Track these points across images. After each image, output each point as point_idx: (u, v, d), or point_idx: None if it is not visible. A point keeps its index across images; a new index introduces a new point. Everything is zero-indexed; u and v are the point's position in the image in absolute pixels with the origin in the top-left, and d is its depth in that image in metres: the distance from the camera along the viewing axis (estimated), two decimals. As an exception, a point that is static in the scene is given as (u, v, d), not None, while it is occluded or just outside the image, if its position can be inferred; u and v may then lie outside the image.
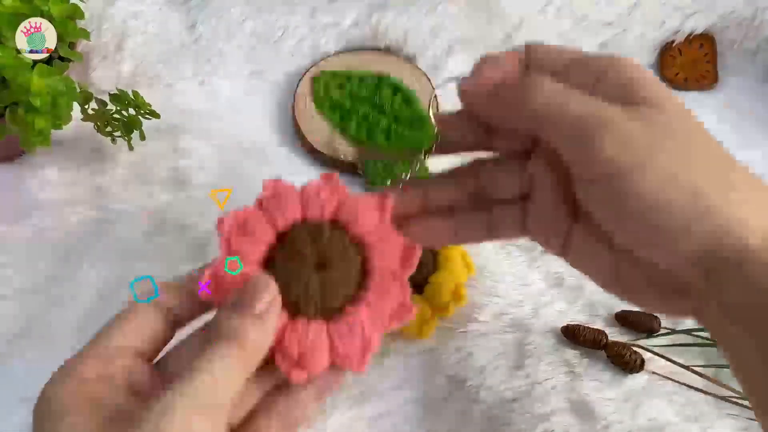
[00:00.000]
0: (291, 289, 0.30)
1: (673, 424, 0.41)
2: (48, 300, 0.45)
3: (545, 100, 0.28)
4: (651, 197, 0.26)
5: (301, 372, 0.29)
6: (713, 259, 0.26)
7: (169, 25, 0.57)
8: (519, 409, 0.41)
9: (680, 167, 0.26)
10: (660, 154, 0.26)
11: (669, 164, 0.26)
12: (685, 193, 0.26)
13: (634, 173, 0.26)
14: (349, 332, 0.30)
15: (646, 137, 0.27)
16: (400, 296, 0.31)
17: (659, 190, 0.26)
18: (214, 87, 0.58)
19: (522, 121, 0.29)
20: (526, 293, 0.47)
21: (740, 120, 0.60)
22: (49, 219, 0.48)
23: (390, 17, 0.58)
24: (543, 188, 0.31)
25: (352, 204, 0.32)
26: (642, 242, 0.28)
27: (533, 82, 0.29)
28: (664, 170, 0.26)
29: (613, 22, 0.61)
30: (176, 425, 0.25)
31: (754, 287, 0.26)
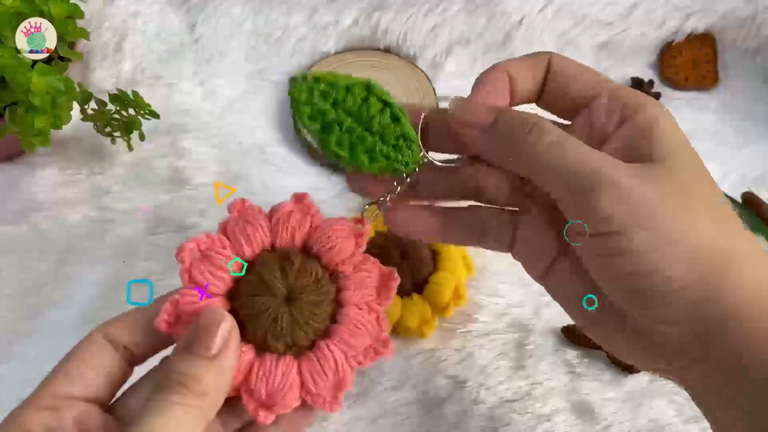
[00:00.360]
0: (258, 323, 0.28)
1: (674, 425, 0.41)
2: (48, 300, 0.45)
3: (545, 151, 0.27)
4: (646, 259, 0.25)
5: (269, 413, 0.27)
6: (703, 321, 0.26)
7: (168, 25, 0.57)
8: (519, 410, 0.41)
9: (681, 229, 0.26)
10: (661, 215, 0.25)
11: (669, 227, 0.25)
12: (682, 259, 0.25)
13: (630, 233, 0.25)
14: (321, 369, 0.28)
15: (648, 196, 0.26)
16: (376, 330, 0.29)
17: (656, 254, 0.25)
18: (213, 87, 0.58)
19: (517, 166, 0.28)
20: (527, 293, 0.47)
21: (740, 120, 0.60)
22: (49, 219, 0.48)
23: (390, 17, 0.58)
24: (534, 212, 0.31)
25: (326, 229, 0.30)
26: (629, 301, 0.27)
27: (536, 128, 0.27)
28: (663, 233, 0.25)
29: (613, 22, 0.61)
30: None
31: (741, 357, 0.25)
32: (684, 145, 0.28)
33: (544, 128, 0.27)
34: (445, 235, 0.32)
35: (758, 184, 0.55)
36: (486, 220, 0.32)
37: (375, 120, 0.30)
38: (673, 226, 0.25)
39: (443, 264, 0.44)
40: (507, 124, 0.28)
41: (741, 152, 0.57)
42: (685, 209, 0.26)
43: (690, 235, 0.26)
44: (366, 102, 0.30)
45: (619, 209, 0.25)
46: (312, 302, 0.29)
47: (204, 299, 0.28)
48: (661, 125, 0.28)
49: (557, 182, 0.27)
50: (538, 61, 0.31)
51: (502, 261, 0.48)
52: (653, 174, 0.26)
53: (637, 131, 0.28)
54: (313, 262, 0.29)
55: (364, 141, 0.30)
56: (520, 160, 0.28)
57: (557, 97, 0.30)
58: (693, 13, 0.61)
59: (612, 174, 0.26)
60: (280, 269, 0.29)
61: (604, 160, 0.26)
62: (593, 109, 0.29)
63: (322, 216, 0.31)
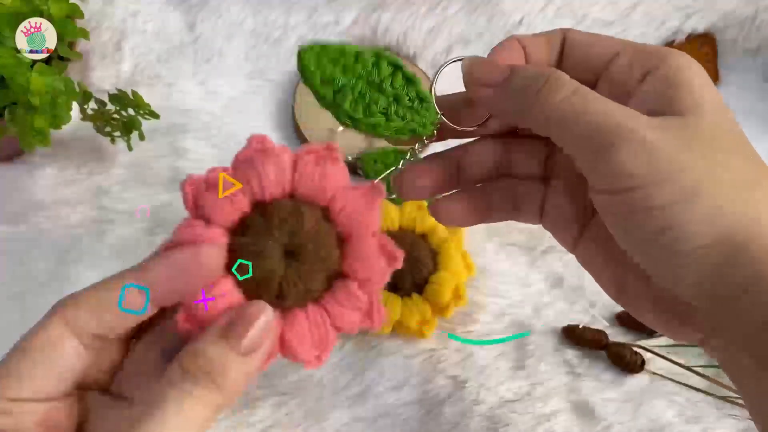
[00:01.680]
0: (254, 269, 0.25)
1: (674, 425, 0.41)
2: (48, 300, 0.44)
3: (561, 104, 0.26)
4: (667, 216, 0.24)
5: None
6: (725, 286, 0.24)
7: (168, 25, 0.57)
8: (520, 410, 0.41)
9: (704, 185, 0.24)
10: (684, 169, 0.24)
11: (692, 181, 0.24)
12: (704, 216, 0.24)
13: (651, 188, 0.24)
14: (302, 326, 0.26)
15: (670, 150, 0.24)
16: (366, 305, 0.27)
17: (676, 209, 0.24)
18: (213, 86, 0.58)
19: (532, 122, 0.27)
20: (527, 294, 0.47)
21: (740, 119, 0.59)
22: (48, 219, 0.48)
23: (390, 17, 0.58)
24: (560, 178, 0.30)
25: (344, 196, 0.27)
26: (651, 261, 0.26)
27: (551, 79, 0.26)
28: (685, 188, 0.24)
29: (613, 22, 0.61)
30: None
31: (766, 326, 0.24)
32: (713, 98, 0.26)
33: (561, 80, 0.26)
34: (485, 217, 0.32)
35: (758, 184, 0.55)
36: (518, 192, 0.32)
37: (387, 83, 0.29)
38: (696, 181, 0.24)
39: (443, 264, 0.44)
40: (521, 78, 0.27)
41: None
42: (711, 164, 0.24)
43: (714, 191, 0.24)
44: (377, 66, 0.29)
45: (639, 164, 0.24)
46: (312, 265, 0.26)
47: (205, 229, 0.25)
48: (687, 76, 0.26)
49: (575, 138, 0.26)
50: (553, 35, 0.30)
51: (503, 261, 0.48)
52: (677, 126, 0.25)
53: (661, 83, 0.26)
54: (328, 227, 0.27)
55: (378, 102, 0.29)
56: (535, 116, 0.26)
57: (578, 66, 0.29)
58: (693, 13, 0.61)
59: (632, 127, 0.24)
60: (290, 223, 0.26)
61: (625, 114, 0.25)
62: (614, 67, 0.28)
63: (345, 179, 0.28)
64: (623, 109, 0.25)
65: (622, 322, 0.45)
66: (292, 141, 0.55)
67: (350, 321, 0.27)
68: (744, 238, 0.24)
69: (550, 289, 0.47)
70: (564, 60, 0.30)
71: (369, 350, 0.43)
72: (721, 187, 0.24)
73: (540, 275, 0.48)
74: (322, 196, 0.27)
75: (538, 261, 0.48)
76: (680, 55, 0.27)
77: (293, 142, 0.55)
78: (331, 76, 0.28)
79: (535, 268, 0.48)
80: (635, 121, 0.25)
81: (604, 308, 0.46)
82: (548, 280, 0.48)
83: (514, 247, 0.49)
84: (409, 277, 0.44)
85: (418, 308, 0.43)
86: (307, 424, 0.40)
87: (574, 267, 0.48)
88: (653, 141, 0.24)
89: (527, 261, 0.48)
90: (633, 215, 0.25)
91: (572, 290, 0.47)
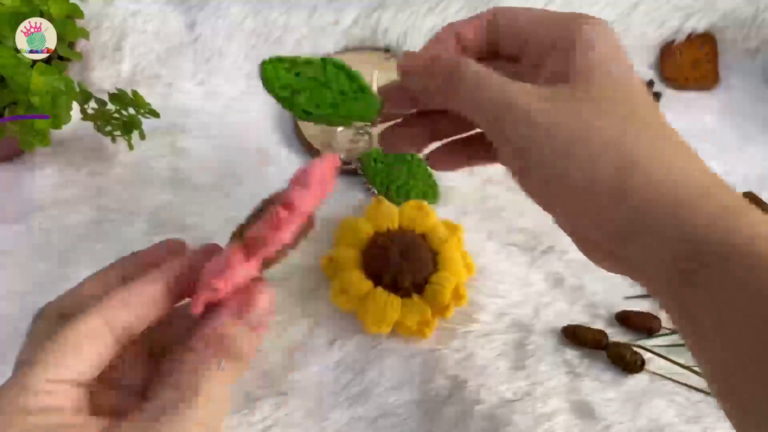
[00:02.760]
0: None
1: (674, 425, 0.41)
2: (46, 300, 0.44)
3: (465, 91, 0.30)
4: (548, 173, 0.28)
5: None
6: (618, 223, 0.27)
7: (168, 25, 0.57)
8: (520, 410, 0.41)
9: (583, 137, 0.28)
10: (564, 129, 0.28)
11: (572, 136, 0.28)
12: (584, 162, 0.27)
13: (535, 149, 0.28)
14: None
15: (552, 115, 0.28)
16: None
17: (559, 162, 0.28)
18: (213, 86, 0.58)
19: (449, 105, 0.32)
20: (527, 293, 0.47)
21: (741, 120, 0.60)
22: (49, 219, 0.48)
23: (390, 17, 0.58)
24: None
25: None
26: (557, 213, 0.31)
27: (459, 69, 0.31)
28: (565, 143, 0.28)
29: (613, 22, 0.61)
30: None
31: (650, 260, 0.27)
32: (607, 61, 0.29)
33: (465, 70, 0.31)
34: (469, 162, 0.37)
35: (759, 184, 0.55)
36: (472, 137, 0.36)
37: (333, 81, 0.35)
38: (576, 135, 0.28)
39: (443, 264, 0.44)
40: (437, 68, 0.32)
41: (741, 152, 0.57)
42: (592, 119, 0.28)
43: (592, 139, 0.28)
44: (324, 69, 0.35)
45: (523, 131, 0.28)
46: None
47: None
48: (582, 44, 0.30)
49: (478, 117, 0.30)
50: (483, 16, 0.34)
51: (503, 261, 0.48)
52: (563, 94, 0.29)
53: (563, 51, 0.30)
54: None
55: (326, 98, 0.35)
56: (447, 101, 0.32)
57: (507, 41, 0.34)
58: (693, 13, 0.61)
59: (517, 101, 0.29)
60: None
61: (515, 90, 0.29)
62: (533, 37, 0.32)
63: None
64: (515, 87, 0.29)
65: (622, 322, 0.45)
66: (291, 141, 0.55)
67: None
68: (626, 176, 0.27)
69: (550, 289, 0.47)
70: (500, 43, 0.34)
71: (369, 350, 0.43)
72: (600, 135, 0.28)
73: (540, 275, 0.48)
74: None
75: (538, 261, 0.48)
76: (589, 22, 0.31)
77: (293, 142, 0.55)
78: (287, 81, 0.35)
79: (535, 268, 0.48)
80: (522, 96, 0.29)
81: (604, 308, 0.46)
82: (548, 280, 0.48)
83: (514, 247, 0.49)
84: (409, 277, 0.44)
85: (418, 308, 0.43)
86: (307, 424, 0.40)
87: (574, 267, 0.48)
88: (537, 110, 0.28)
89: (527, 261, 0.48)
90: (522, 172, 0.30)
91: (572, 290, 0.47)
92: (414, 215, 0.47)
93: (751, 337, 0.24)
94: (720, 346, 0.26)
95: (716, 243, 0.26)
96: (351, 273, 0.44)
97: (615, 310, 0.46)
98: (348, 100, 0.36)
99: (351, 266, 0.44)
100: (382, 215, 0.47)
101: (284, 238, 0.28)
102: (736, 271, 0.25)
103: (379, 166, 0.51)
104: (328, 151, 0.50)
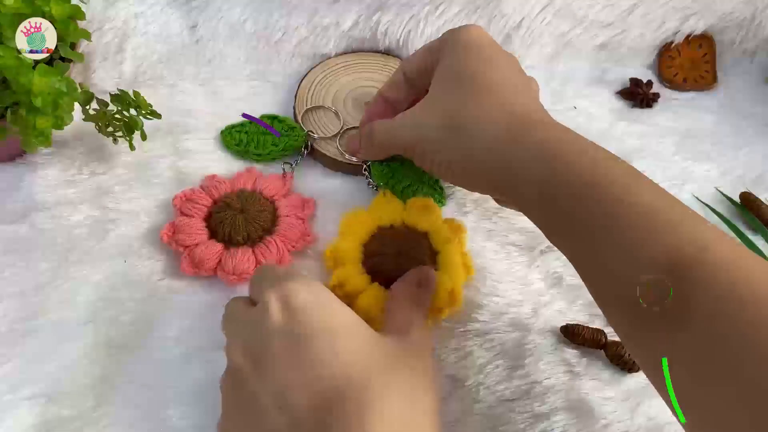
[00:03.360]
0: (225, 226, 0.46)
1: (673, 424, 0.41)
2: (48, 300, 0.45)
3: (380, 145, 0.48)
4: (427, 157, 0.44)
5: (237, 279, 0.45)
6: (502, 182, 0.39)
7: (170, 26, 0.57)
8: (518, 409, 0.42)
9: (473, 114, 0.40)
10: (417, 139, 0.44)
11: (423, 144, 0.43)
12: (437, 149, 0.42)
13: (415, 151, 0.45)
14: (268, 250, 0.46)
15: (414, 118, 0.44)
16: (302, 228, 0.48)
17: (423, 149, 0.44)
18: (214, 87, 0.58)
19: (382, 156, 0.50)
20: (526, 293, 0.47)
21: (739, 120, 0.60)
22: (49, 219, 0.48)
23: (390, 19, 0.59)
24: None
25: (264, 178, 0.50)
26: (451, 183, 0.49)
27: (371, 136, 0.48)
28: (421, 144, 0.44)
29: (612, 22, 0.61)
30: None
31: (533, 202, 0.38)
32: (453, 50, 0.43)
33: (374, 132, 0.47)
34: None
35: (756, 184, 0.55)
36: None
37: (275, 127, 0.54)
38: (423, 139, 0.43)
39: (443, 265, 0.44)
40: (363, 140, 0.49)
41: (739, 152, 0.57)
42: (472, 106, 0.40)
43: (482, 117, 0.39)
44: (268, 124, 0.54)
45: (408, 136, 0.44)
46: (257, 210, 0.47)
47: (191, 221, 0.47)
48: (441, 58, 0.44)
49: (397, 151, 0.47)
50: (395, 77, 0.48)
51: (502, 261, 0.48)
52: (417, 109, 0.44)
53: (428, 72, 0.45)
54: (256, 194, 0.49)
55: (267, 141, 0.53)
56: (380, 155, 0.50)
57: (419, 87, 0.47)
58: (692, 14, 0.62)
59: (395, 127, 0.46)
60: (236, 196, 0.48)
61: (402, 125, 0.45)
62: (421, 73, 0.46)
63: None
64: (403, 121, 0.45)
65: (620, 322, 0.46)
66: (292, 142, 0.55)
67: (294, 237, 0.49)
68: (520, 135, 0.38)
69: (549, 288, 0.47)
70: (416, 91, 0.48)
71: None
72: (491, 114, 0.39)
73: (539, 275, 0.48)
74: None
75: (537, 261, 0.49)
76: (443, 39, 0.45)
77: (294, 142, 0.55)
78: (239, 138, 0.53)
79: (534, 268, 0.48)
80: (396, 120, 0.46)
81: (603, 308, 0.46)
82: (547, 280, 0.48)
83: (513, 247, 0.49)
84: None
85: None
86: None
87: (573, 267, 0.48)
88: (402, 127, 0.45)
89: (526, 261, 0.49)
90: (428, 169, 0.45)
91: (571, 290, 0.47)
92: (419, 212, 0.47)
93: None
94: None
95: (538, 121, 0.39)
96: (348, 267, 0.44)
97: (614, 309, 0.46)
98: (283, 137, 0.53)
99: (350, 260, 0.44)
100: (387, 209, 0.47)
101: None
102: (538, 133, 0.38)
103: (386, 168, 0.51)
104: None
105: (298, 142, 0.53)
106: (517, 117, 0.38)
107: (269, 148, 0.52)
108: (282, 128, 0.53)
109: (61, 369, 0.42)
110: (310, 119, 0.55)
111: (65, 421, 0.40)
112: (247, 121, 0.54)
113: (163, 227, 0.47)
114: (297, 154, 0.53)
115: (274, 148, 0.52)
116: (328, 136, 0.54)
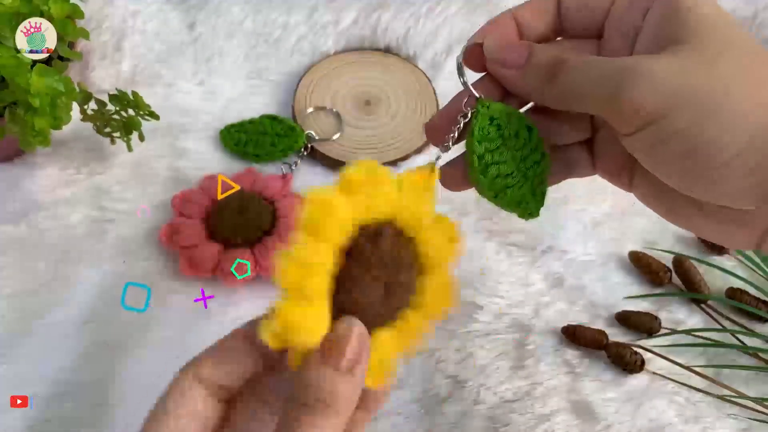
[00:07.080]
0: (223, 227, 0.46)
1: (674, 425, 0.41)
2: (48, 300, 0.45)
3: (572, 80, 0.27)
4: (692, 135, 0.25)
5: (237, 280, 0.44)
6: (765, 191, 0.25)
7: (168, 25, 0.57)
8: (519, 410, 0.41)
9: (720, 99, 0.25)
10: (695, 93, 0.25)
11: (705, 100, 0.25)
12: (728, 125, 0.25)
13: (671, 115, 0.25)
14: (267, 251, 0.45)
15: (677, 77, 0.25)
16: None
17: (696, 131, 0.25)
18: (213, 86, 0.58)
19: (550, 101, 0.29)
20: (527, 294, 0.47)
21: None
22: (48, 219, 0.48)
23: (390, 16, 0.58)
24: (601, 131, 0.32)
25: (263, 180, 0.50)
26: (691, 185, 0.27)
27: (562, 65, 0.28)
28: (702, 105, 0.25)
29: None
30: None
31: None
32: (713, 17, 0.27)
33: (569, 62, 0.28)
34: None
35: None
36: (569, 157, 0.33)
37: (269, 129, 0.53)
38: (711, 96, 0.25)
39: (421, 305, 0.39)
40: (539, 62, 0.29)
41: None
42: (722, 79, 0.25)
43: (732, 101, 0.25)
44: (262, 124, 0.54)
45: (650, 98, 0.25)
46: (255, 212, 0.47)
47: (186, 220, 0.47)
48: (684, 2, 0.27)
49: (592, 101, 0.27)
50: (545, 1, 0.31)
51: (503, 261, 0.48)
52: (682, 53, 0.26)
53: (661, 15, 0.28)
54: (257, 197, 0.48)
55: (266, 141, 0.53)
56: (552, 96, 0.29)
57: (577, 23, 0.31)
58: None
59: (635, 68, 0.26)
60: (235, 198, 0.48)
61: (624, 60, 0.27)
62: (615, 13, 0.30)
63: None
64: (623, 59, 0.27)
65: (622, 322, 0.45)
66: (292, 141, 0.55)
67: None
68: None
69: (550, 289, 0.47)
70: (563, 21, 0.31)
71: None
72: (737, 97, 0.25)
73: (540, 275, 0.48)
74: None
75: (538, 261, 0.48)
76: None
77: (293, 142, 0.55)
78: (238, 138, 0.53)
79: (535, 269, 0.48)
80: (637, 62, 0.26)
81: (604, 308, 0.46)
82: (548, 280, 0.48)
83: (514, 247, 0.49)
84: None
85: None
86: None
87: (574, 267, 0.48)
88: (659, 72, 0.25)
89: (527, 261, 0.48)
90: (658, 148, 0.26)
91: (572, 290, 0.47)
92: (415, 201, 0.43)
93: None
94: None
95: None
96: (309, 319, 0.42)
97: (615, 310, 0.46)
98: (282, 138, 0.53)
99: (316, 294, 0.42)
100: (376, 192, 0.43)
101: None
102: None
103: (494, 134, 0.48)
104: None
105: (297, 143, 0.52)
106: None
107: (268, 148, 0.53)
108: (281, 129, 0.53)
109: (60, 369, 0.42)
110: (310, 119, 0.55)
111: (65, 421, 0.40)
112: (246, 121, 0.54)
113: (162, 228, 0.46)
114: (296, 155, 0.53)
115: (273, 149, 0.53)
116: (328, 137, 0.53)
